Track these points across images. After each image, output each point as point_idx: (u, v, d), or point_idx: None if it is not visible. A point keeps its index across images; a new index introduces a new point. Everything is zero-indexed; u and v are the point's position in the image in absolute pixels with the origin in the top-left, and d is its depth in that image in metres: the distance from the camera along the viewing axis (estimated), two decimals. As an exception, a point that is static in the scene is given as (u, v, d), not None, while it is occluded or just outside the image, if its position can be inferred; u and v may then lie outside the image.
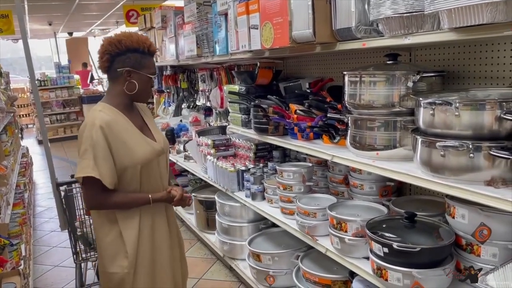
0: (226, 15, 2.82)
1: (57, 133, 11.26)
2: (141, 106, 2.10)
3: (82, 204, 2.95)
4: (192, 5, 3.44)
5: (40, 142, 10.35)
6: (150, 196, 1.93)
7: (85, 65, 12.95)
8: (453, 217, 1.63)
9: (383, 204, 2.15)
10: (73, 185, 2.93)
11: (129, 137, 1.88)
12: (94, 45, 15.83)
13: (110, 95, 1.93)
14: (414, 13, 1.50)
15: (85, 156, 1.79)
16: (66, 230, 3.00)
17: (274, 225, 2.79)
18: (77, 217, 2.96)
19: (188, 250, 3.91)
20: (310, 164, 2.66)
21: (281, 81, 3.06)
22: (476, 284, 1.44)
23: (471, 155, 1.38)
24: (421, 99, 1.55)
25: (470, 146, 1.38)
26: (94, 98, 11.25)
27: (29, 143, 10.36)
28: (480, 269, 1.57)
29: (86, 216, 2.92)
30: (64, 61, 13.00)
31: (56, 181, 2.83)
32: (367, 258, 1.85)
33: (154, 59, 1.96)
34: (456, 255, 1.67)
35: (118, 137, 1.83)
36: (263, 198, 2.88)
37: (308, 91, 2.60)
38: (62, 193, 2.82)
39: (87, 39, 15.07)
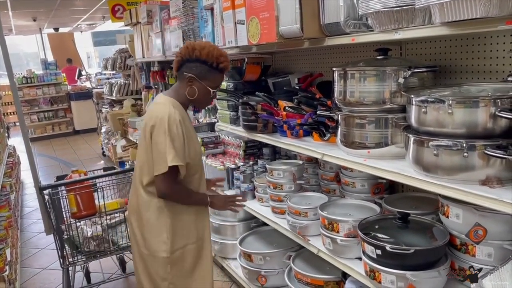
0: (212, 9, 2.75)
1: (45, 130, 11.06)
2: None
3: (68, 206, 2.87)
4: (177, 0, 3.35)
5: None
6: (208, 198, 2.08)
7: (69, 61, 12.63)
8: (447, 217, 1.59)
9: (376, 202, 2.11)
10: (59, 188, 2.84)
11: (193, 134, 2.06)
12: (81, 40, 15.59)
13: (177, 93, 2.02)
14: (404, 7, 1.44)
15: (169, 148, 1.88)
16: (51, 235, 2.92)
17: (265, 223, 2.75)
18: (64, 219, 2.89)
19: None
20: (301, 162, 2.60)
21: (270, 76, 2.99)
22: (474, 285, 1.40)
23: (465, 154, 1.34)
24: (412, 96, 1.50)
25: (464, 145, 1.33)
26: (82, 95, 11.06)
27: (17, 141, 10.12)
28: (480, 269, 1.53)
29: (72, 219, 2.85)
30: (51, 57, 12.73)
31: (39, 185, 2.74)
32: (360, 258, 1.81)
33: (223, 74, 2.06)
34: (450, 255, 1.63)
35: (188, 132, 1.98)
36: (254, 197, 2.83)
37: (297, 87, 2.54)
38: (46, 197, 2.73)
39: (73, 34, 14.79)
